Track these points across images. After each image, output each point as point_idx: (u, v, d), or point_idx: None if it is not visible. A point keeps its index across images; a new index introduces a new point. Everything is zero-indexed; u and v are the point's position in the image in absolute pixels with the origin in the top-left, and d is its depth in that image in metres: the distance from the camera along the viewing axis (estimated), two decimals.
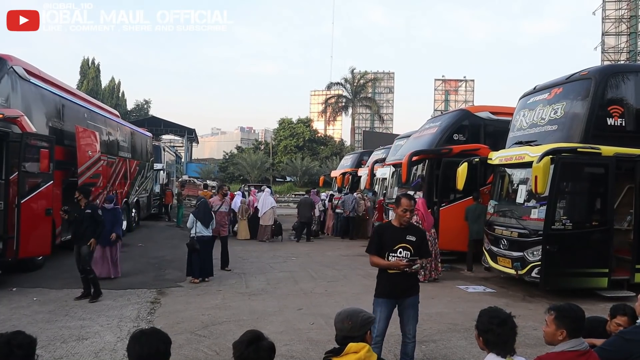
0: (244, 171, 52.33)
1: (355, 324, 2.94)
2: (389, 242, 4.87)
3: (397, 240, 4.85)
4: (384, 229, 5.08)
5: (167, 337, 2.68)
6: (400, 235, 4.87)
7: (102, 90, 63.19)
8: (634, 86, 9.09)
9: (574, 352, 3.06)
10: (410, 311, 4.93)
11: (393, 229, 4.97)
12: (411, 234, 4.93)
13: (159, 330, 2.74)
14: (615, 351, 3.35)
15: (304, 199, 17.88)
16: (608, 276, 8.68)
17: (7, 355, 2.35)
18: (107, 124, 15.17)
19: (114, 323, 6.91)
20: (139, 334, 2.64)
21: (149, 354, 2.53)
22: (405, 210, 4.88)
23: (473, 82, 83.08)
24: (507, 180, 10.51)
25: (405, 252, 4.82)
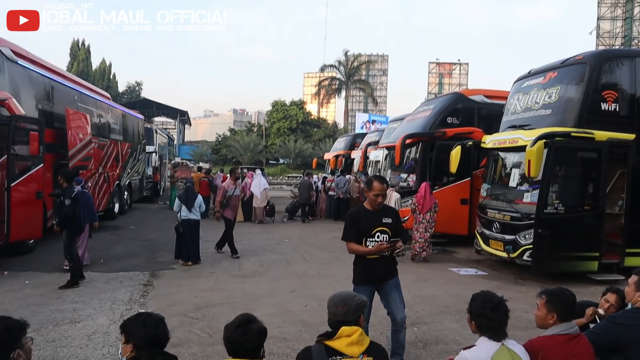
0: (236, 153, 52.16)
1: (349, 309, 2.93)
2: (366, 228, 4.71)
3: (374, 225, 4.70)
4: (359, 215, 4.83)
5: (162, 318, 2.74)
6: (377, 219, 4.72)
7: (93, 72, 62.59)
8: (628, 71, 9.08)
9: (564, 335, 3.09)
10: (395, 293, 4.80)
11: (368, 213, 4.78)
12: (387, 215, 4.78)
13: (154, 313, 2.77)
14: (604, 335, 3.37)
15: (304, 181, 18.03)
16: (598, 260, 8.77)
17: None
18: (98, 106, 15.01)
19: (107, 306, 6.90)
20: (144, 316, 2.70)
21: (155, 338, 2.61)
22: (377, 194, 4.68)
23: (467, 66, 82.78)
24: (501, 163, 10.53)
25: (384, 235, 4.68)
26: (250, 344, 2.56)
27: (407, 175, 13.11)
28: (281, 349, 5.40)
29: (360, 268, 4.79)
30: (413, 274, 9.19)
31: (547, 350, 2.98)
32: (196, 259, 10.00)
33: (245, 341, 2.54)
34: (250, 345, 2.56)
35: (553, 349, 3.00)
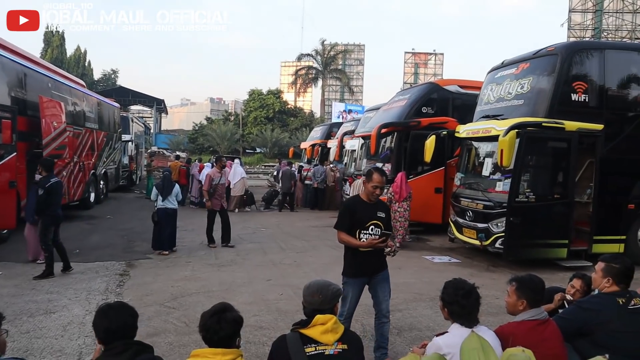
0: (213, 142, 51.74)
1: (325, 298, 2.99)
2: (361, 219, 4.64)
3: (370, 217, 4.65)
4: (355, 205, 4.77)
5: (133, 310, 2.70)
6: (372, 212, 4.69)
7: (68, 60, 61.18)
8: (598, 63, 9.28)
9: (533, 321, 3.19)
10: (385, 285, 4.80)
11: (364, 204, 4.73)
12: (381, 210, 4.77)
13: (126, 303, 2.77)
14: (572, 319, 3.48)
15: (285, 170, 18.09)
16: (568, 247, 9.02)
17: None
18: (72, 94, 14.76)
19: (82, 296, 6.87)
20: (105, 307, 2.67)
21: (117, 328, 2.56)
22: (375, 186, 4.65)
23: (442, 56, 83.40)
24: (474, 153, 10.70)
25: (377, 229, 4.65)
26: (224, 332, 2.59)
27: (383, 165, 13.21)
28: (257, 337, 5.45)
29: (352, 261, 4.71)
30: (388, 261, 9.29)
31: (517, 336, 3.06)
32: (172, 246, 10.01)
33: (219, 329, 2.57)
34: (224, 334, 2.59)
35: (523, 334, 3.09)
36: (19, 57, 11.69)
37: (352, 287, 4.68)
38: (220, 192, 10.88)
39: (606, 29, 45.13)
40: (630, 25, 44.87)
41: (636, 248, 9.43)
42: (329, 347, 2.79)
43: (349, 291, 4.65)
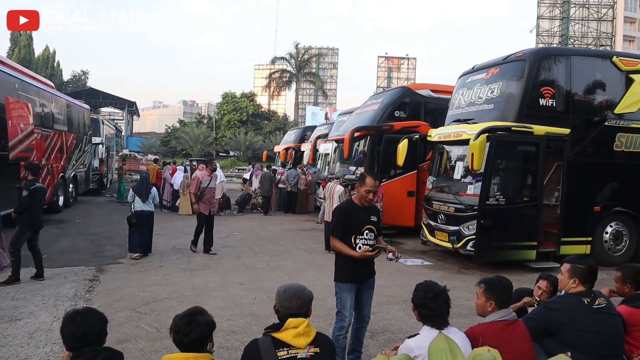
0: (186, 145, 51.35)
1: (303, 302, 2.98)
2: (355, 224, 4.57)
3: (363, 222, 4.59)
4: (350, 210, 4.66)
5: (102, 316, 2.65)
6: (366, 217, 4.63)
7: (36, 60, 60.06)
8: (564, 69, 9.51)
9: (502, 321, 3.25)
10: (370, 292, 4.78)
11: (358, 209, 4.64)
12: (373, 213, 4.73)
13: (94, 309, 2.71)
14: (540, 319, 3.56)
15: (265, 173, 18.17)
16: (536, 249, 9.20)
17: None
18: (40, 95, 14.45)
19: (50, 302, 6.72)
20: (72, 313, 2.60)
21: (84, 334, 2.50)
22: (369, 190, 4.57)
23: (415, 60, 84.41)
24: (445, 156, 10.83)
25: (371, 233, 4.61)
26: (195, 335, 2.57)
27: (356, 168, 13.28)
28: (230, 342, 5.42)
29: (346, 267, 4.58)
30: None
31: (486, 337, 3.10)
32: (147, 250, 9.91)
33: (189, 331, 2.56)
34: (195, 336, 2.57)
35: (492, 335, 3.14)
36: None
37: (348, 292, 4.58)
38: (208, 197, 10.49)
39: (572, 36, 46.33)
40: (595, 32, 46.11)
41: (601, 249, 9.67)
42: (301, 350, 2.78)
43: (347, 298, 4.56)
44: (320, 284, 7.67)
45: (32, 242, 7.94)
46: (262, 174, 18.23)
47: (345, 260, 4.57)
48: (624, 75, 9.85)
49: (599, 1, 46.36)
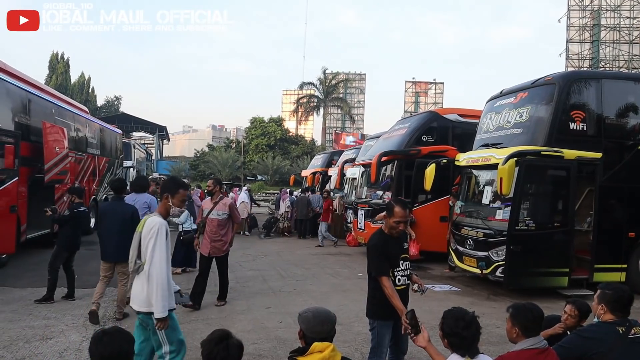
0: (215, 169, 51.94)
1: (332, 325, 2.96)
2: (394, 257, 4.31)
3: (399, 253, 4.36)
4: (386, 243, 4.35)
5: (130, 336, 2.65)
6: (399, 247, 4.39)
7: (72, 86, 62.01)
8: (595, 92, 9.39)
9: (532, 350, 3.16)
10: None
11: (392, 241, 4.36)
12: (405, 241, 4.50)
13: (122, 329, 2.71)
14: (572, 348, 3.46)
15: (301, 197, 18.44)
16: (568, 275, 8.96)
17: None
18: (75, 120, 14.91)
19: (80, 322, 6.82)
20: (100, 333, 2.60)
21: (112, 354, 2.49)
22: (398, 222, 4.29)
23: (443, 85, 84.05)
24: (474, 181, 10.72)
25: (405, 262, 4.39)
26: (232, 359, 2.57)
27: (383, 192, 13.23)
28: None
29: (385, 303, 4.21)
30: None
31: None
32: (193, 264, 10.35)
33: (227, 356, 2.54)
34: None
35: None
36: (24, 83, 11.86)
37: (388, 329, 4.33)
38: (213, 230, 7.92)
39: (603, 59, 45.74)
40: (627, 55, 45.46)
41: (637, 276, 9.37)
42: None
43: (385, 334, 4.33)
44: (347, 308, 7.62)
45: (68, 263, 8.15)
46: (299, 198, 18.44)
47: (384, 296, 4.22)
48: None
49: (631, 24, 45.79)
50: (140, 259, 4.21)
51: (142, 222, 4.30)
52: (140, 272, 4.21)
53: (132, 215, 6.99)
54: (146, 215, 4.45)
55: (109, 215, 7.18)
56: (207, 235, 7.90)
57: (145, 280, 4.13)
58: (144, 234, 4.18)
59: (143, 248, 4.18)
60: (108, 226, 7.06)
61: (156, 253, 4.11)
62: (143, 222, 4.31)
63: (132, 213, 7.06)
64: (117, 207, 7.23)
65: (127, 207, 7.23)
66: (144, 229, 4.20)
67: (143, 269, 4.16)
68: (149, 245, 4.12)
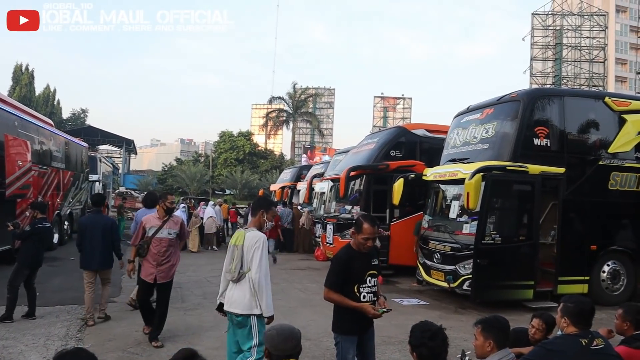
0: (183, 183, 51.39)
1: (297, 342, 2.95)
2: (358, 273, 4.25)
3: (366, 269, 4.28)
4: (351, 258, 4.30)
5: (92, 356, 2.59)
6: (367, 263, 4.31)
7: (36, 98, 60.61)
8: (558, 109, 9.66)
9: None
10: (372, 341, 4.53)
11: (358, 255, 4.30)
12: (374, 256, 4.41)
13: (84, 349, 2.63)
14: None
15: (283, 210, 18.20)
16: (533, 288, 9.13)
17: None
18: (39, 133, 14.55)
19: (40, 342, 6.59)
20: (62, 353, 2.50)
21: None
22: (367, 238, 4.24)
23: (411, 100, 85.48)
24: (441, 196, 10.86)
25: (373, 279, 4.32)
26: None
27: (352, 207, 13.28)
28: None
29: (348, 317, 4.25)
30: None
31: None
32: None
33: None
34: None
35: None
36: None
37: (352, 344, 4.30)
38: (161, 251, 6.68)
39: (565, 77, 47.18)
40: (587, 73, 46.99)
41: (599, 288, 9.61)
42: None
43: (349, 349, 4.27)
44: (316, 323, 7.58)
45: (29, 280, 7.89)
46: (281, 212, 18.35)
47: (347, 310, 4.24)
48: (617, 115, 10.01)
49: (591, 43, 47.43)
50: (242, 269, 4.59)
51: (241, 236, 4.67)
52: (241, 280, 4.59)
53: (112, 226, 7.79)
54: (242, 230, 4.83)
55: (89, 228, 7.62)
56: (151, 257, 6.66)
57: (247, 287, 4.56)
58: (247, 246, 4.58)
59: (247, 258, 4.56)
60: (91, 238, 7.55)
61: (263, 262, 4.55)
62: (242, 236, 4.68)
63: (112, 225, 7.84)
64: (99, 220, 7.78)
65: (106, 220, 8.01)
66: (246, 242, 4.60)
67: (245, 277, 4.57)
68: (254, 255, 4.54)
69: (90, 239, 7.55)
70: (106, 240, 7.57)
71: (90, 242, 7.56)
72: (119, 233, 19.42)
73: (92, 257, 7.60)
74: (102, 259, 7.62)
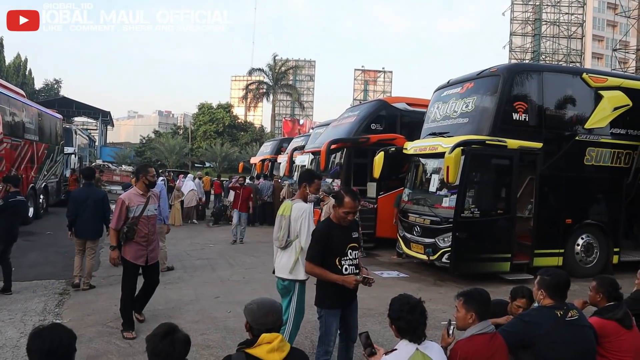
0: (161, 156, 50.86)
1: (277, 316, 2.93)
2: (339, 246, 4.28)
3: (347, 242, 4.33)
4: (330, 232, 4.32)
5: (70, 331, 2.55)
6: (347, 235, 4.36)
7: (6, 67, 58.76)
8: (537, 84, 9.70)
9: (482, 335, 3.25)
10: (355, 314, 4.62)
11: (339, 229, 4.34)
12: (354, 229, 4.46)
13: (60, 324, 2.62)
14: (515, 332, 3.57)
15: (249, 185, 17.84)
16: (510, 261, 9.30)
17: None
18: (10, 103, 14.18)
19: (17, 317, 6.53)
20: (38, 328, 2.51)
21: (51, 349, 2.39)
22: (347, 212, 4.28)
23: (391, 74, 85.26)
24: (421, 169, 10.92)
25: (354, 252, 4.36)
26: (179, 354, 2.51)
27: (332, 180, 13.29)
28: (204, 357, 5.33)
29: (331, 292, 4.28)
30: None
31: (467, 352, 3.15)
32: None
33: (173, 351, 2.49)
34: (178, 355, 2.51)
35: (474, 350, 3.17)
36: None
37: (335, 317, 4.36)
38: (144, 233, 6.12)
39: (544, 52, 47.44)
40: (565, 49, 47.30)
41: (573, 261, 9.84)
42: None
43: (332, 322, 4.34)
44: None
45: (4, 255, 7.78)
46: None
47: (328, 285, 4.26)
48: (594, 91, 10.09)
49: (569, 19, 47.62)
50: (290, 237, 4.99)
51: (288, 207, 5.06)
52: (288, 248, 5.01)
53: (103, 199, 8.29)
54: (289, 202, 5.19)
55: (84, 199, 8.08)
56: (141, 238, 6.07)
57: (293, 253, 4.96)
58: (294, 217, 4.98)
59: (294, 227, 4.96)
60: (84, 209, 8.02)
61: (310, 230, 4.79)
62: (289, 207, 5.06)
63: (103, 197, 8.35)
64: (90, 193, 8.24)
65: (98, 192, 8.57)
66: (293, 212, 5.01)
67: (291, 244, 4.98)
68: (302, 225, 4.94)
69: (84, 210, 8.01)
70: (98, 211, 8.07)
71: (83, 212, 8.01)
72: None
73: (84, 227, 8.09)
74: (94, 229, 8.15)
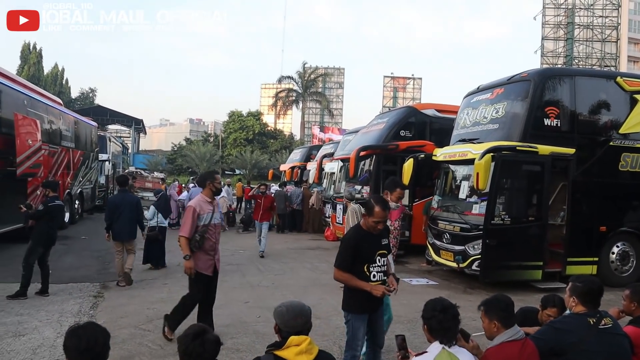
0: (192, 163, 51.57)
1: (307, 319, 2.96)
2: (368, 254, 4.26)
3: (376, 249, 4.30)
4: (361, 239, 4.31)
5: (105, 329, 2.62)
6: (377, 242, 4.34)
7: (45, 77, 60.73)
8: (569, 89, 9.54)
9: (512, 342, 3.21)
10: (381, 320, 4.66)
11: (368, 236, 4.31)
12: (384, 236, 4.44)
13: (96, 323, 2.70)
14: (545, 339, 3.52)
15: (279, 192, 18.13)
16: (542, 269, 9.12)
17: None
18: (49, 112, 14.63)
19: (54, 318, 6.73)
20: (74, 327, 2.58)
21: (87, 347, 2.45)
22: (377, 222, 4.25)
23: (421, 80, 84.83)
24: (451, 176, 10.83)
25: (383, 259, 4.35)
26: (209, 355, 2.55)
27: (362, 187, 13.29)
28: None
29: (360, 297, 4.25)
30: None
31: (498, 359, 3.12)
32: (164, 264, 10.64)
33: (203, 352, 2.53)
34: (208, 356, 2.55)
35: (505, 357, 3.14)
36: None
37: (362, 322, 4.34)
38: (213, 241, 6.13)
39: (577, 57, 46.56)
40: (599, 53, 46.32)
41: (608, 270, 9.60)
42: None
43: (359, 327, 4.32)
44: (325, 302, 7.65)
45: (43, 258, 8.04)
46: (277, 193, 18.24)
47: (357, 290, 4.25)
48: (629, 95, 9.87)
49: (603, 22, 46.66)
50: None
51: None
52: None
53: (137, 204, 9.11)
54: None
55: (119, 204, 8.88)
56: (209, 248, 6.04)
57: None
58: None
59: None
60: (121, 214, 8.77)
61: None
62: None
63: (137, 202, 9.16)
64: (125, 198, 9.07)
65: (132, 198, 9.31)
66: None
67: None
68: None
69: (121, 215, 8.77)
70: (133, 216, 8.91)
71: (121, 217, 8.76)
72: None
73: (120, 230, 8.83)
74: (129, 231, 8.97)
